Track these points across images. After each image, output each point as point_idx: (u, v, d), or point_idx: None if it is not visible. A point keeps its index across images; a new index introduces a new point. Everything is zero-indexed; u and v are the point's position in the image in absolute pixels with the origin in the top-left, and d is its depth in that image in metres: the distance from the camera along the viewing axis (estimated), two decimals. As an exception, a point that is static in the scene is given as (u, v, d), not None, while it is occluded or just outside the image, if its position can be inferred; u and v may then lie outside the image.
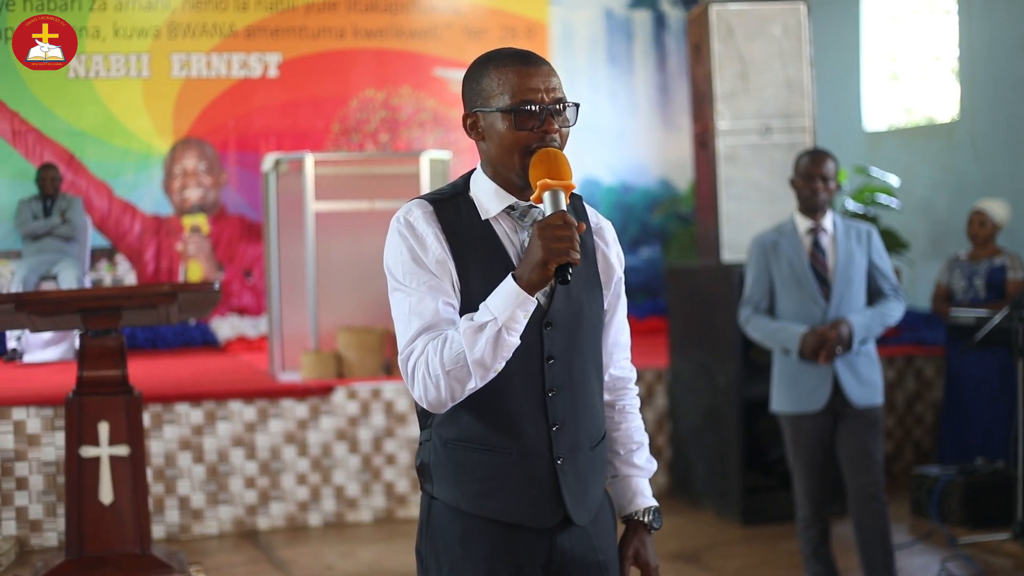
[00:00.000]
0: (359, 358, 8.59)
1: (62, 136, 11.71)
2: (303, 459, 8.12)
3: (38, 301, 6.70)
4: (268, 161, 9.30)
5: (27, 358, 10.18)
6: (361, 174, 9.67)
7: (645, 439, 3.22)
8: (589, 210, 3.07)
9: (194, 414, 7.98)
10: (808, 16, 8.29)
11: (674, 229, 12.90)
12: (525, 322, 2.77)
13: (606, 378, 3.13)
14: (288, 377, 8.78)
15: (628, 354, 3.21)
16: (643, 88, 13.33)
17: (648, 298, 12.84)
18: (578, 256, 2.71)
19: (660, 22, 13.41)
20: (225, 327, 11.56)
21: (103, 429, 6.51)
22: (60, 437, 7.59)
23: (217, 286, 6.66)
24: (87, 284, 10.80)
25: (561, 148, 2.88)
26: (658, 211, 12.93)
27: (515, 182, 2.92)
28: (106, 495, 6.54)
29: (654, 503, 3.17)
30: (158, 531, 7.81)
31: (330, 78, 12.37)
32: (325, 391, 8.19)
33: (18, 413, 7.74)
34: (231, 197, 12.10)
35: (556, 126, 2.87)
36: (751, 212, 8.11)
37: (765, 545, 7.44)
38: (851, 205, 10.74)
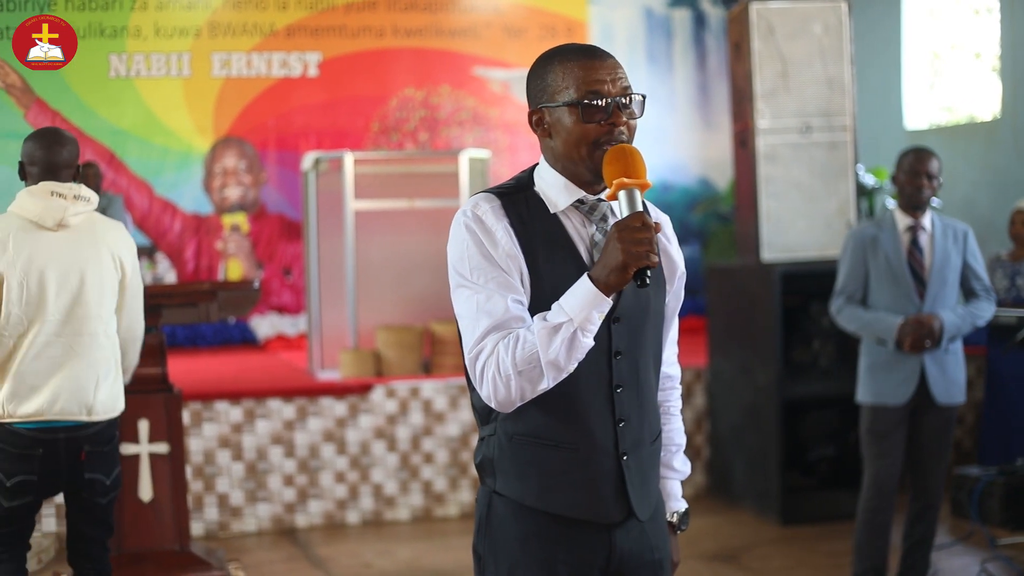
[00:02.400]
0: (398, 356, 8.60)
1: (103, 135, 11.78)
2: (341, 457, 8.14)
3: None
4: (308, 160, 9.32)
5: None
6: (400, 173, 9.68)
7: (683, 441, 3.21)
8: (649, 204, 3.00)
9: (233, 412, 8.01)
10: (849, 14, 8.25)
11: (714, 228, 12.86)
12: (599, 323, 2.74)
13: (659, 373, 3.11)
14: (327, 375, 8.79)
15: (676, 351, 3.20)
16: (683, 87, 13.30)
17: (687, 297, 12.75)
18: (656, 259, 2.68)
19: (700, 21, 13.37)
20: (264, 325, 11.60)
21: (143, 426, 6.53)
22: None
23: (257, 284, 6.67)
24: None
25: (630, 141, 2.84)
26: (698, 210, 12.90)
27: (584, 176, 2.87)
28: (146, 492, 6.56)
29: (684, 505, 3.19)
30: (197, 528, 7.84)
31: (370, 77, 12.39)
32: (364, 389, 8.20)
33: (59, 410, 7.77)
34: (271, 196, 12.14)
35: (624, 118, 2.83)
36: (791, 211, 8.07)
37: (804, 545, 7.40)
38: (892, 204, 10.67)
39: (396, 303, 9.19)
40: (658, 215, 3.04)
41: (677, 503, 3.17)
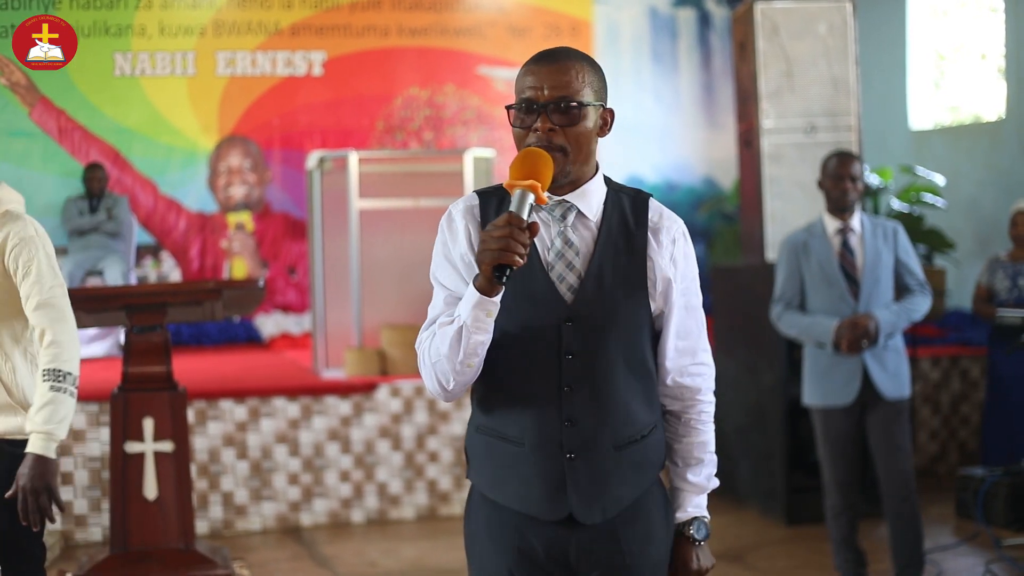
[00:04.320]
0: (402, 355, 8.60)
1: (108, 133, 11.79)
2: (346, 456, 8.14)
3: (84, 297, 6.73)
4: (312, 159, 9.33)
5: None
6: (405, 172, 9.68)
7: (708, 457, 3.13)
8: (654, 209, 2.99)
9: (238, 410, 8.01)
10: (854, 14, 8.25)
11: (718, 228, 12.86)
12: (490, 321, 2.78)
13: (668, 383, 3.04)
14: (332, 374, 8.80)
15: (699, 360, 3.06)
16: (687, 86, 13.30)
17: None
18: (514, 257, 2.66)
19: (705, 20, 13.36)
20: (269, 324, 11.61)
21: (148, 425, 6.53)
22: (105, 432, 7.64)
23: (261, 283, 6.67)
24: (132, 280, 10.87)
25: (568, 149, 2.85)
26: (702, 209, 12.89)
27: None
28: (150, 491, 6.56)
29: (699, 514, 3.15)
30: (202, 527, 7.84)
31: (374, 76, 12.40)
32: (368, 388, 8.21)
33: (64, 409, 7.78)
34: (275, 194, 12.15)
35: (548, 124, 2.84)
36: (795, 211, 8.07)
37: (810, 545, 7.40)
38: (896, 204, 10.67)
39: (401, 302, 9.19)
40: (661, 221, 2.99)
41: (683, 512, 3.14)
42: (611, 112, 2.94)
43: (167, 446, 6.55)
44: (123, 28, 11.88)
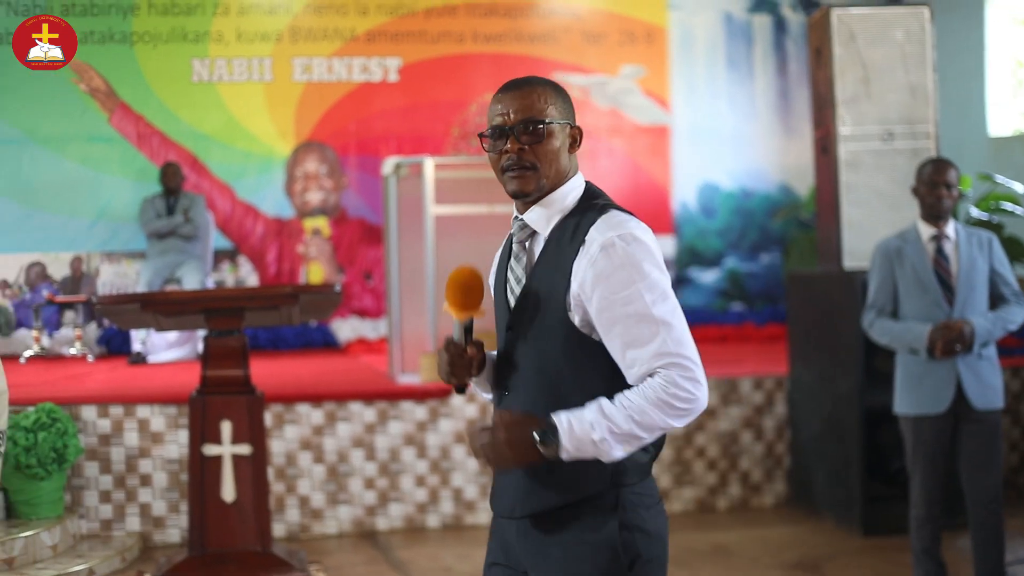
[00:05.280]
0: (477, 361, 8.61)
1: (186, 139, 11.91)
2: (422, 461, 8.18)
3: (164, 301, 6.83)
4: (388, 165, 9.37)
5: (152, 359, 10.36)
6: (480, 178, 9.69)
7: (626, 404, 2.94)
8: (596, 223, 3.03)
9: (315, 414, 8.07)
10: (931, 20, 8.18)
11: (794, 235, 12.78)
12: (481, 389, 3.34)
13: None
14: (407, 379, 8.83)
15: (635, 371, 2.97)
16: (763, 93, 13.24)
17: (768, 304, 12.75)
18: (453, 380, 3.20)
19: (780, 26, 13.30)
20: (345, 329, 11.68)
21: (226, 428, 6.60)
22: (183, 435, 7.72)
23: (338, 288, 6.72)
24: (210, 285, 10.98)
25: (538, 165, 3.07)
26: (778, 216, 12.82)
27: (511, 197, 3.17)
28: (228, 493, 6.63)
29: (558, 422, 2.94)
30: (278, 530, 7.90)
31: (450, 82, 12.44)
32: (444, 394, 8.23)
33: (143, 411, 7.88)
34: (351, 200, 12.22)
35: (517, 146, 3.06)
36: (873, 218, 8.02)
37: (886, 556, 7.34)
38: (975, 212, 10.57)
39: (477, 308, 9.20)
40: (597, 237, 3.00)
41: (556, 415, 2.99)
42: (579, 130, 3.15)
43: (245, 449, 6.62)
44: (201, 35, 12.00)
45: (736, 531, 8.05)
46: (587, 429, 2.91)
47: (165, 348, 10.48)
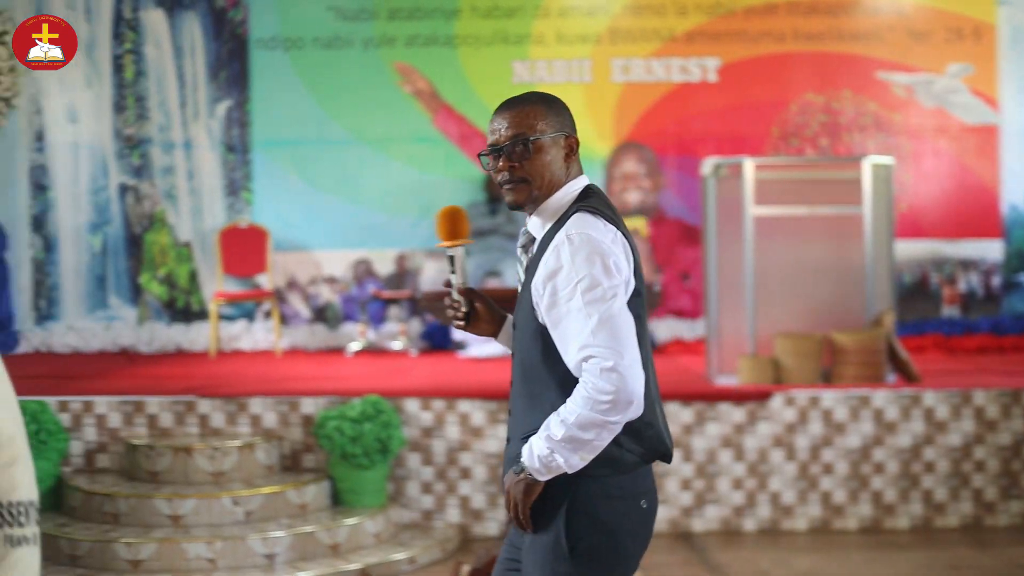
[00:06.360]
0: (797, 364, 8.51)
1: (508, 140, 12.09)
2: (739, 464, 8.12)
3: (490, 294, 6.95)
4: (707, 165, 9.34)
5: (473, 352, 10.57)
6: (801, 179, 9.58)
7: (561, 413, 3.14)
8: (566, 226, 3.22)
9: (633, 414, 8.08)
10: None
11: None
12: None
13: None
14: (725, 381, 8.78)
15: (570, 363, 3.17)
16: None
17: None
18: (447, 318, 3.56)
19: (1120, 20, 12.67)
20: (662, 329, 11.68)
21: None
22: (502, 430, 7.85)
23: (657, 288, 6.73)
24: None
25: (529, 180, 3.29)
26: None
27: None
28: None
29: (523, 452, 3.22)
30: (595, 527, 7.95)
31: (769, 82, 12.30)
32: (762, 396, 8.16)
33: (464, 405, 8.06)
34: (669, 200, 12.22)
35: (505, 163, 3.30)
36: None
37: None
38: None
39: (795, 310, 9.10)
40: (563, 231, 3.21)
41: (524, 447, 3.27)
42: (575, 139, 3.35)
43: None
44: (522, 37, 12.19)
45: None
46: (540, 448, 3.14)
47: (484, 341, 10.68)
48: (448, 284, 3.49)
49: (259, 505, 7.46)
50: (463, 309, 3.48)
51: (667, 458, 3.34)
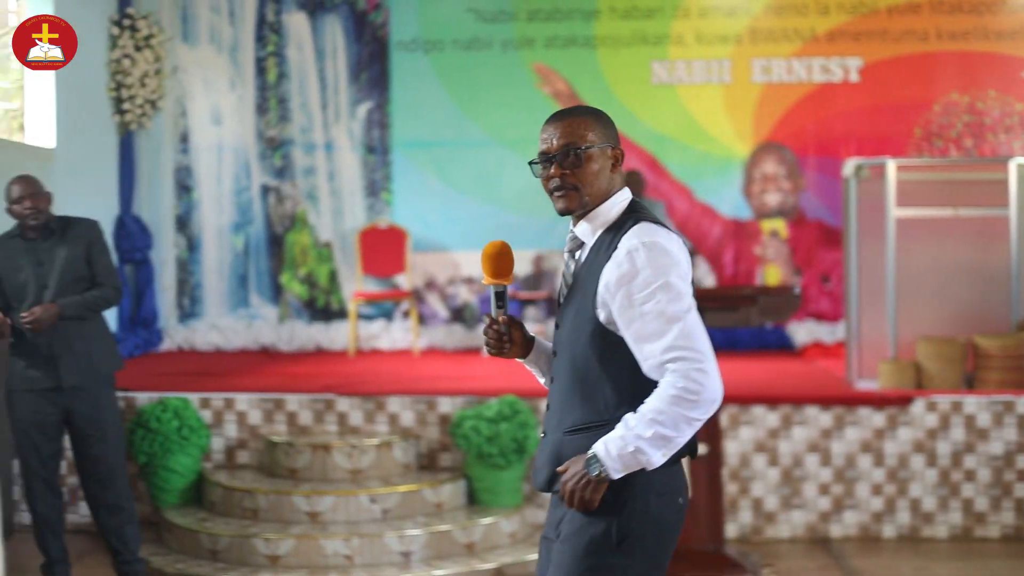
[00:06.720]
0: (939, 369, 8.37)
1: (645, 140, 12.08)
2: (878, 469, 8.00)
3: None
4: (849, 166, 9.21)
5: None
6: (944, 180, 9.40)
7: (644, 411, 3.25)
8: (628, 232, 3.35)
9: (770, 417, 8.03)
10: None
11: None
12: (533, 372, 3.78)
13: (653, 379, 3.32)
14: (865, 385, 8.66)
15: (649, 364, 3.29)
16: None
17: None
18: (491, 351, 3.67)
19: None
20: (802, 332, 11.56)
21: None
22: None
23: (797, 291, 6.67)
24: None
25: (580, 187, 3.43)
26: None
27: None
28: (684, 492, 6.68)
29: (598, 451, 3.28)
30: (731, 531, 7.91)
31: (912, 81, 12.10)
32: (903, 401, 8.03)
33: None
34: (810, 202, 12.08)
35: (557, 170, 3.44)
36: None
37: None
38: None
39: (937, 314, 8.94)
40: (625, 242, 3.34)
41: (595, 445, 3.32)
42: (620, 151, 3.51)
43: (701, 449, 6.66)
44: (661, 37, 12.14)
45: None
46: (621, 446, 3.23)
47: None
48: (492, 317, 3.62)
49: (396, 503, 7.53)
50: (508, 343, 3.64)
51: (695, 454, 3.52)
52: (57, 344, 6.38)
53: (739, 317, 6.82)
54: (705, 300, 6.75)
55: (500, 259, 3.56)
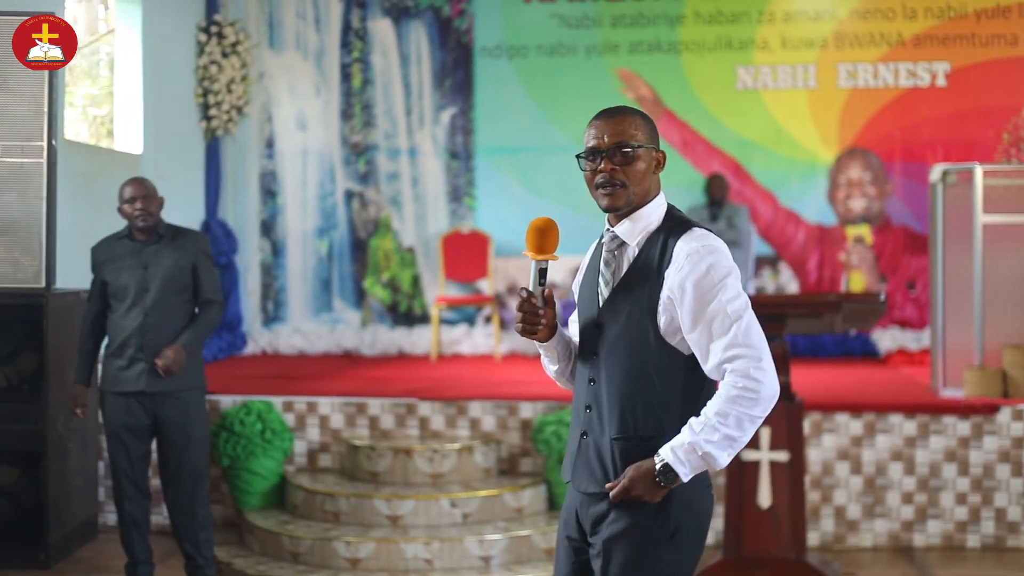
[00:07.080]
0: (1026, 377, 8.27)
1: (730, 146, 12.03)
2: (963, 478, 7.92)
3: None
4: (935, 172, 9.12)
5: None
6: (1032, 186, 9.29)
7: (710, 422, 3.30)
8: (683, 238, 3.42)
9: (853, 425, 7.97)
10: None
11: None
12: (547, 357, 3.70)
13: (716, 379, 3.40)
14: (950, 393, 8.57)
15: (712, 360, 3.35)
16: None
17: None
18: (524, 329, 3.53)
19: None
20: (886, 339, 11.46)
21: (764, 434, 6.64)
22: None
23: (883, 297, 6.62)
24: (751, 290, 11.04)
25: (627, 183, 3.47)
26: None
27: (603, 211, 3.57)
28: (764, 499, 6.66)
29: (667, 457, 3.33)
30: (813, 539, 7.86)
31: (1000, 86, 11.96)
32: (989, 410, 7.94)
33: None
34: (895, 208, 11.97)
35: (608, 166, 3.47)
36: None
37: None
38: None
39: (1025, 321, 8.84)
40: (681, 245, 3.41)
41: (663, 450, 3.35)
42: (663, 154, 3.57)
43: (783, 456, 6.63)
44: (746, 42, 12.09)
45: None
46: (690, 451, 3.29)
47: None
48: (530, 294, 3.52)
49: (476, 507, 7.55)
50: (542, 322, 3.54)
51: None
52: (148, 349, 6.46)
53: (823, 324, 6.79)
54: (789, 306, 6.75)
55: (546, 234, 3.49)
